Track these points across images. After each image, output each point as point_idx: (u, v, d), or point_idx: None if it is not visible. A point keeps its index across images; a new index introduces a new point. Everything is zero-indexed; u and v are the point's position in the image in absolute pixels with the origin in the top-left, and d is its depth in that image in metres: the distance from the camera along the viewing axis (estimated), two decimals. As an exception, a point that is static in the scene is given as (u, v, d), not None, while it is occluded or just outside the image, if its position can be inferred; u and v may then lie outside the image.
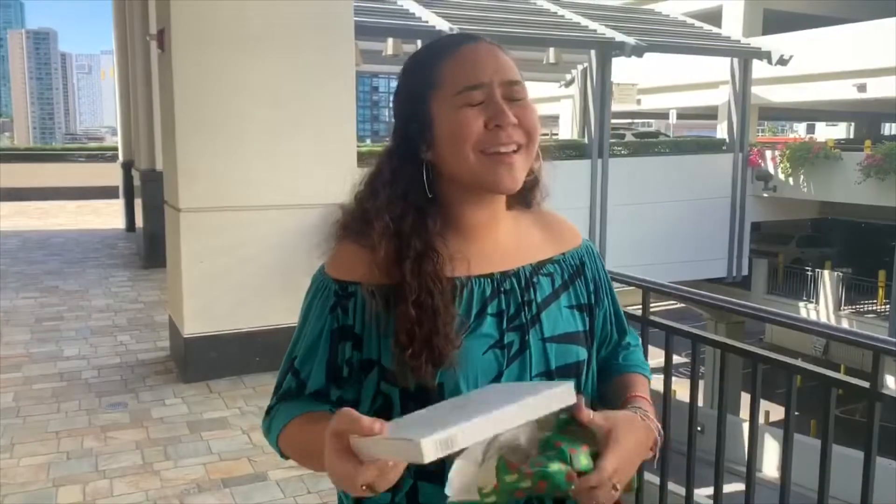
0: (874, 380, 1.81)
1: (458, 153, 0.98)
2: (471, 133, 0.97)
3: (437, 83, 1.00)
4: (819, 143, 17.26)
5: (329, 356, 1.03)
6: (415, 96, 1.02)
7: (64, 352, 5.06)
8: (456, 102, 0.98)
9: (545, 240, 1.13)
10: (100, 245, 9.71)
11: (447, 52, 1.02)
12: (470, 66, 1.00)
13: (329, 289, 1.03)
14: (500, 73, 1.00)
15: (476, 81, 0.98)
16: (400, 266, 0.98)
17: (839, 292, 16.94)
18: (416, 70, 1.05)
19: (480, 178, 0.99)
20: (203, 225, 4.44)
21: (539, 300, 1.06)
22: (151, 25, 6.60)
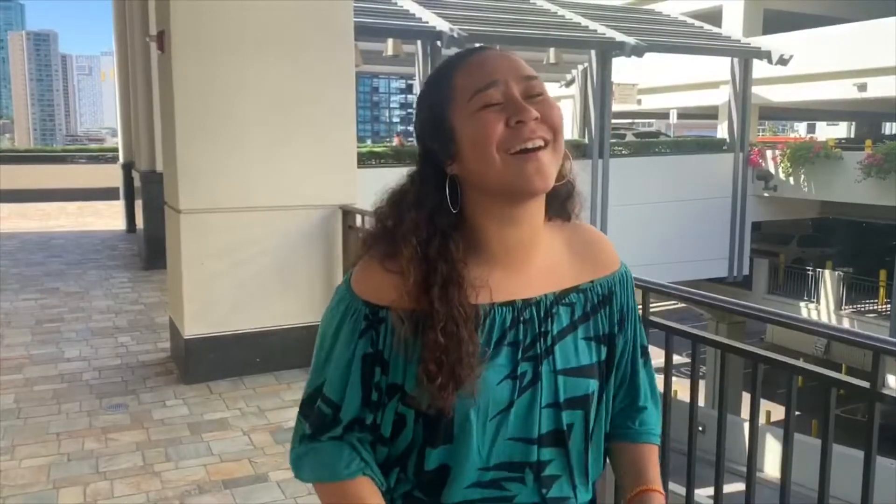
0: (874, 380, 1.81)
1: (483, 157, 0.96)
2: (493, 133, 0.95)
3: (453, 95, 0.99)
4: (819, 143, 17.27)
5: (362, 382, 1.01)
6: (433, 114, 1.01)
7: (65, 353, 5.06)
8: (473, 107, 0.97)
9: (576, 264, 1.10)
10: (100, 246, 9.71)
11: (458, 64, 1.01)
12: (480, 69, 0.99)
13: (359, 311, 1.00)
14: (514, 69, 0.99)
15: (489, 80, 0.97)
16: (427, 292, 0.97)
17: (840, 292, 16.93)
18: (430, 89, 1.04)
19: (509, 180, 0.96)
20: (203, 226, 4.44)
21: (555, 332, 1.05)
22: (151, 27, 6.61)
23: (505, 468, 1.02)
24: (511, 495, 1.03)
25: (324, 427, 1.02)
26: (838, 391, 1.92)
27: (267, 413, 4.02)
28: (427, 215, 0.99)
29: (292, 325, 4.67)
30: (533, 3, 16.28)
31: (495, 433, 1.01)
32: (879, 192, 14.80)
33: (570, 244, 1.10)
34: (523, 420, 1.02)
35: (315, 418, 1.03)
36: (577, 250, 1.11)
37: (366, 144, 15.45)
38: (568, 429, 1.05)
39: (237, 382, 4.45)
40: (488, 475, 1.02)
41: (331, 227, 4.76)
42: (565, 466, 1.05)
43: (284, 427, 3.85)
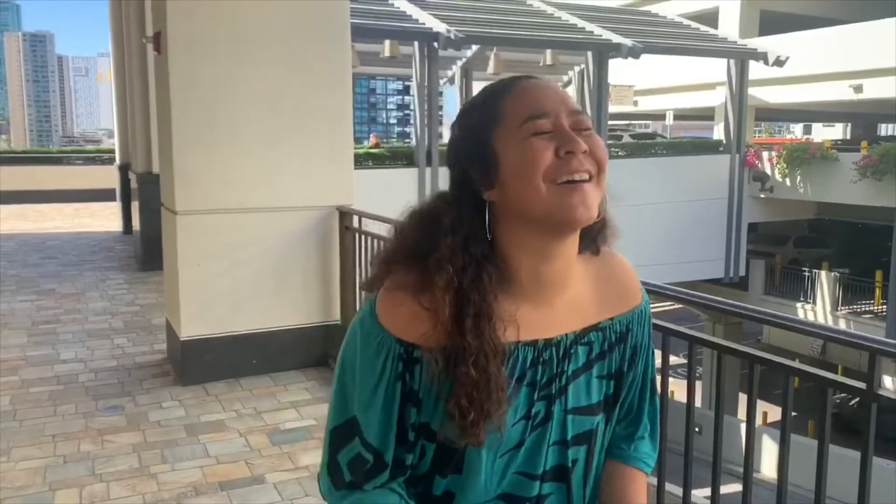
0: (870, 381, 1.81)
1: (529, 184, 0.93)
2: (542, 161, 0.93)
3: (500, 119, 0.97)
4: (815, 144, 17.30)
5: (400, 424, 0.98)
6: (476, 137, 0.98)
7: (60, 355, 5.05)
8: (522, 133, 0.95)
9: (600, 299, 1.08)
10: (97, 248, 9.70)
11: (506, 90, 0.99)
12: (532, 97, 0.97)
13: (394, 352, 0.96)
14: (564, 102, 0.98)
15: (541, 110, 0.95)
16: (460, 325, 0.94)
17: (836, 293, 16.97)
18: (473, 112, 1.01)
19: (553, 210, 0.94)
20: (200, 227, 4.43)
21: (570, 372, 1.04)
22: (148, 28, 6.60)
23: (507, 499, 1.03)
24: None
25: (368, 475, 0.99)
26: (834, 392, 1.92)
27: (263, 415, 4.02)
28: (463, 242, 0.96)
29: (289, 327, 4.67)
30: (530, 4, 16.29)
31: (504, 468, 1.01)
32: (875, 193, 14.83)
33: (597, 277, 1.08)
34: (530, 456, 1.02)
35: (356, 465, 0.99)
36: (603, 284, 1.09)
37: (362, 145, 15.44)
38: (572, 464, 1.06)
39: (234, 384, 4.44)
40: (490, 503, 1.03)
41: (327, 228, 4.76)
42: (564, 500, 1.07)
43: (281, 429, 3.84)
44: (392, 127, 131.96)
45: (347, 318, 4.73)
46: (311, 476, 3.31)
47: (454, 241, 0.96)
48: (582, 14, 15.89)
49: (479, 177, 0.97)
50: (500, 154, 0.96)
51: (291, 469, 3.38)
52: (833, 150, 16.14)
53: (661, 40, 15.50)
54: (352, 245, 4.65)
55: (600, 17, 16.28)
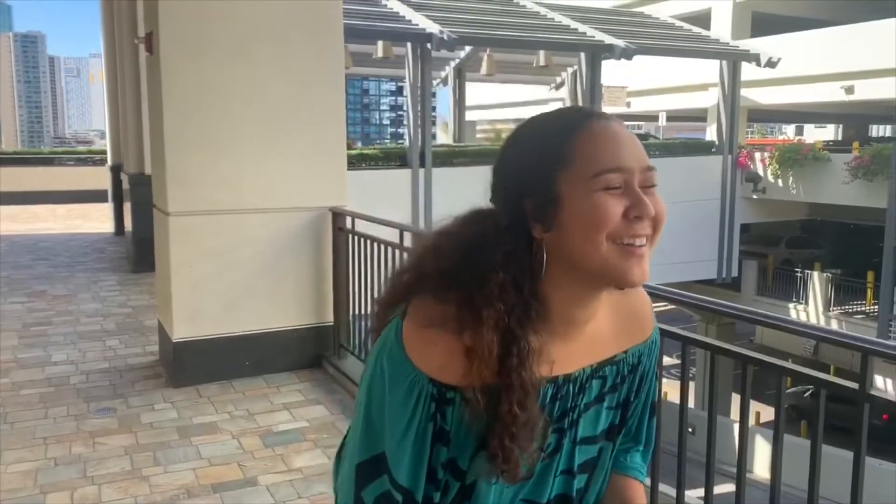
0: (863, 381, 1.81)
1: (591, 240, 0.90)
2: (610, 220, 0.90)
3: (570, 160, 0.91)
4: (807, 145, 17.36)
5: (431, 464, 0.96)
6: (539, 171, 0.92)
7: (52, 357, 5.02)
8: (593, 185, 0.90)
9: (617, 332, 1.07)
10: (88, 249, 9.66)
11: (578, 127, 0.93)
12: (610, 147, 0.92)
13: (426, 392, 0.93)
14: (641, 158, 0.93)
15: (618, 164, 0.91)
16: (505, 363, 0.91)
17: (828, 293, 17.03)
18: (538, 143, 0.95)
19: (609, 269, 0.91)
20: (192, 229, 4.42)
21: (583, 405, 1.04)
22: (140, 28, 6.58)
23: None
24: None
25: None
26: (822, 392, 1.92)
27: (256, 416, 4.00)
28: (514, 280, 0.92)
29: (282, 328, 4.66)
30: (523, 5, 16.30)
31: (513, 496, 1.02)
32: (867, 194, 14.90)
33: (617, 310, 1.07)
34: (537, 485, 1.02)
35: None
36: (622, 317, 1.07)
37: (356, 147, 15.42)
38: (577, 493, 1.06)
39: (226, 386, 4.42)
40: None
41: (320, 230, 4.75)
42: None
43: (274, 431, 3.83)
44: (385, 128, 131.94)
45: (340, 319, 4.72)
46: (304, 478, 3.30)
47: (505, 277, 0.92)
48: (575, 15, 15.90)
49: (534, 213, 0.93)
50: (565, 198, 0.91)
51: (284, 471, 3.37)
52: (825, 151, 16.21)
53: (653, 41, 15.52)
54: (345, 246, 4.64)
55: (593, 18, 16.29)
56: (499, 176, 0.98)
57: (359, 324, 4.57)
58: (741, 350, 2.18)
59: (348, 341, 4.68)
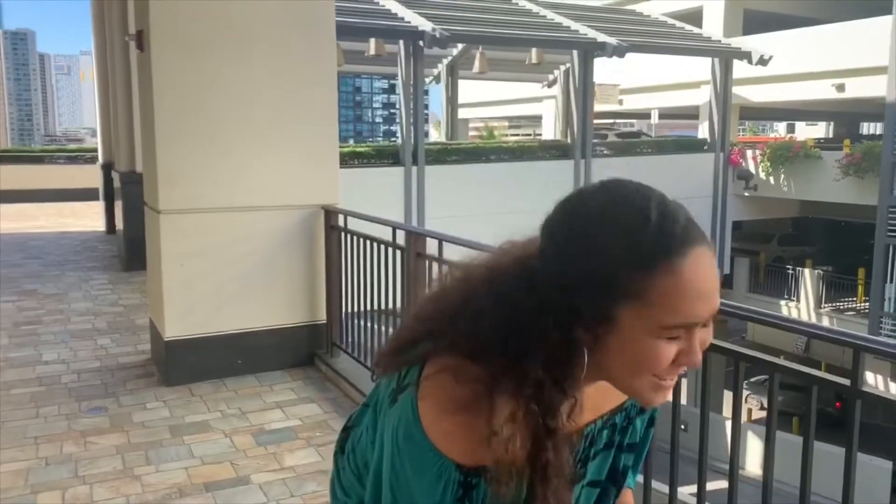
0: (855, 377, 1.82)
1: (632, 375, 0.87)
2: (659, 366, 0.85)
3: (644, 298, 0.82)
4: (799, 143, 17.43)
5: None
6: (603, 282, 0.83)
7: (43, 356, 4.99)
8: (658, 333, 0.83)
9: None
10: (79, 247, 9.61)
11: (667, 258, 0.82)
12: (696, 296, 0.83)
13: (453, 479, 0.88)
14: (715, 304, 0.86)
15: (693, 321, 0.84)
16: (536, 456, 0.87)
17: (819, 290, 17.10)
18: (616, 249, 0.83)
19: (637, 394, 0.90)
20: (184, 227, 4.40)
21: (592, 453, 1.03)
22: (130, 26, 6.54)
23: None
24: None
25: None
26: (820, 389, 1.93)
27: (248, 415, 3.99)
28: (552, 380, 0.86)
29: (274, 327, 4.64)
30: (515, 3, 16.30)
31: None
32: (858, 192, 14.96)
33: None
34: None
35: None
36: None
37: (348, 144, 15.39)
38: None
39: (218, 384, 4.41)
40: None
41: (313, 228, 4.74)
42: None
43: (266, 429, 3.82)
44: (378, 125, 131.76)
45: (333, 317, 4.71)
46: (296, 476, 3.29)
47: (545, 377, 0.85)
48: (567, 13, 15.91)
49: (585, 323, 0.85)
50: (622, 329, 0.84)
51: (277, 469, 3.37)
52: (816, 149, 16.27)
53: (645, 39, 15.54)
54: (337, 244, 4.63)
55: (585, 16, 16.30)
56: (558, 244, 0.87)
57: (352, 322, 4.56)
58: (734, 347, 2.19)
59: (341, 339, 4.68)
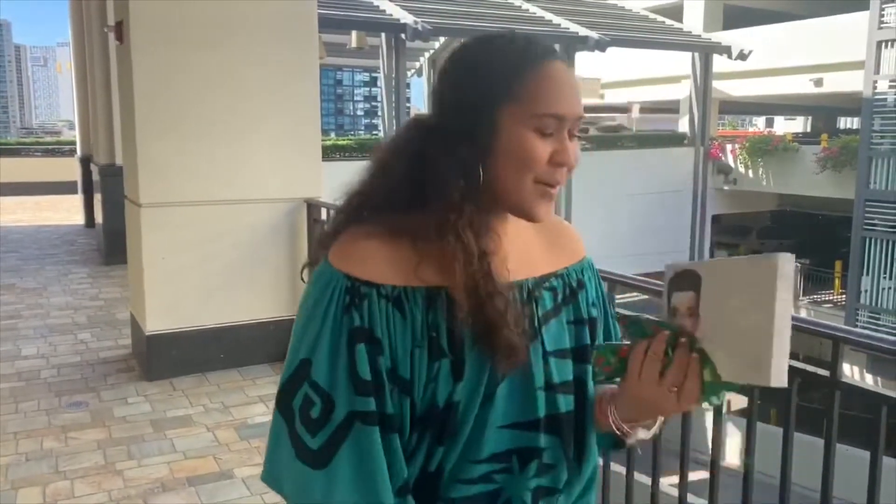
0: (833, 368, 1.84)
1: (518, 176, 0.95)
2: (538, 163, 0.94)
3: (516, 95, 0.94)
4: (778, 137, 17.59)
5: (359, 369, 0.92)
6: (482, 97, 0.95)
7: (22, 351, 4.95)
8: (530, 124, 0.94)
9: (549, 252, 1.09)
10: (58, 241, 9.51)
11: (532, 63, 0.95)
12: (558, 91, 0.95)
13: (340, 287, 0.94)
14: (578, 107, 0.97)
15: (560, 112, 0.94)
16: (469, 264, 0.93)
17: (797, 283, 17.29)
18: (490, 69, 0.96)
19: (523, 203, 0.96)
20: (165, 220, 4.37)
21: (540, 314, 1.03)
22: (109, 17, 6.47)
23: (503, 458, 0.98)
24: (501, 487, 0.99)
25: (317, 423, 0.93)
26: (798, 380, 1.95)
27: (231, 409, 3.98)
28: (465, 185, 0.94)
29: (256, 320, 4.63)
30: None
31: (486, 424, 0.96)
32: (835, 185, 15.13)
33: (541, 233, 1.09)
34: (518, 404, 0.99)
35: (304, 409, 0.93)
36: (549, 239, 1.10)
37: (330, 137, 15.33)
38: (566, 415, 1.03)
39: (201, 378, 4.39)
40: (481, 468, 0.97)
41: (296, 221, 4.72)
42: (561, 455, 1.03)
43: (249, 423, 3.81)
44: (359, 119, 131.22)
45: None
46: (280, 470, 3.29)
47: (465, 185, 0.94)
48: (549, 7, 15.93)
49: (473, 135, 0.95)
50: (502, 130, 0.94)
51: (260, 463, 3.34)
52: (794, 143, 16.43)
53: (627, 33, 15.60)
54: (320, 238, 4.61)
55: (567, 10, 16.33)
56: (445, 84, 0.99)
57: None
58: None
59: (324, 333, 4.66)
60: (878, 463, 1.76)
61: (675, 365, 0.88)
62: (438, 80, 1.01)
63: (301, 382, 0.93)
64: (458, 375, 0.94)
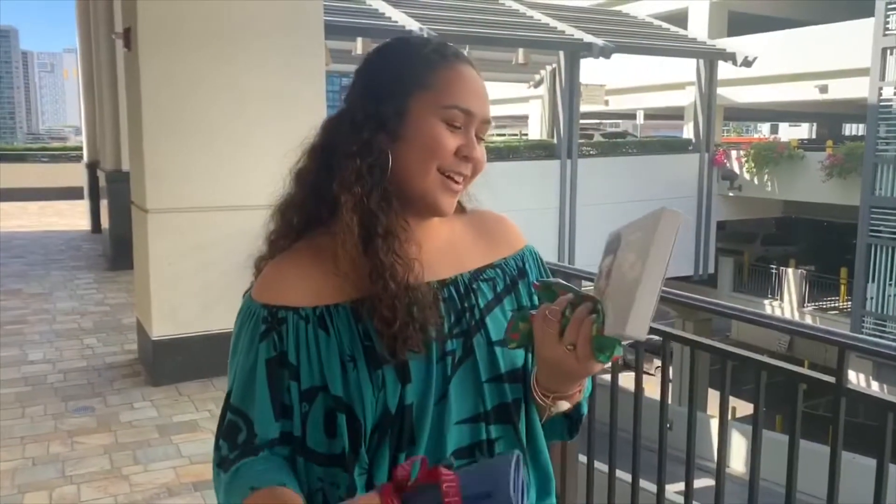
0: (839, 375, 1.84)
1: (423, 164, 0.97)
2: (444, 153, 0.97)
3: (428, 85, 0.98)
4: (783, 143, 17.59)
5: (270, 389, 0.96)
6: (397, 84, 0.99)
7: (28, 356, 4.96)
8: (439, 114, 0.97)
9: (482, 246, 1.10)
10: (64, 247, 9.54)
11: (445, 60, 1.00)
12: (468, 89, 1.00)
13: (257, 316, 0.98)
14: (486, 109, 1.01)
15: (468, 106, 0.98)
16: (369, 243, 0.95)
17: (803, 289, 17.25)
18: (407, 60, 1.01)
19: (427, 194, 0.98)
20: (171, 226, 4.38)
21: (482, 305, 1.04)
22: (117, 23, 6.51)
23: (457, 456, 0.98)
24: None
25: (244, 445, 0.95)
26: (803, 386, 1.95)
27: (237, 414, 3.98)
28: (368, 167, 0.96)
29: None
30: (502, 3, 16.34)
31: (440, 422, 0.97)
32: (840, 192, 15.11)
33: (472, 228, 1.11)
34: (467, 398, 0.99)
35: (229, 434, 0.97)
36: (482, 233, 1.11)
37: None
38: (514, 403, 1.03)
39: (206, 384, 4.40)
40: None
41: (301, 227, 4.72)
42: (514, 442, 1.03)
43: (255, 428, 3.81)
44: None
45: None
46: (285, 476, 3.29)
47: (362, 164, 0.96)
48: (554, 14, 15.97)
49: (382, 121, 0.98)
50: (412, 116, 0.97)
51: (266, 469, 3.36)
52: (799, 150, 16.43)
53: (631, 40, 15.63)
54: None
55: (572, 16, 16.37)
56: (360, 77, 1.03)
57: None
58: (721, 345, 2.21)
59: (329, 339, 4.67)
60: (885, 470, 1.76)
61: (571, 323, 0.88)
62: (355, 74, 1.05)
63: (225, 412, 0.98)
64: (404, 378, 0.96)
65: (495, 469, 0.83)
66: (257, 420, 0.95)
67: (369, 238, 0.95)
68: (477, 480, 0.82)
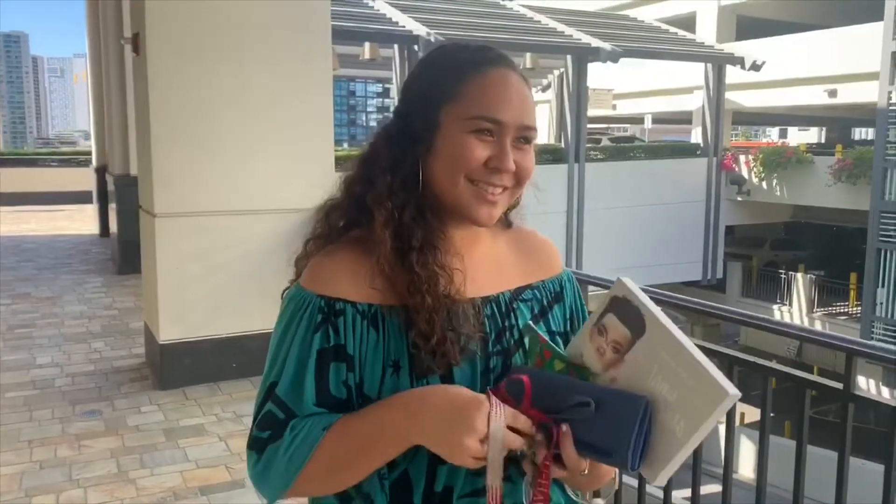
0: (847, 381, 1.83)
1: (451, 175, 0.96)
2: (471, 163, 0.96)
3: (457, 96, 0.97)
4: (791, 148, 17.52)
5: (331, 385, 0.95)
6: (429, 96, 0.99)
7: (37, 359, 4.98)
8: (467, 125, 0.96)
9: (523, 265, 1.10)
10: (73, 251, 9.58)
11: (476, 69, 0.98)
12: (498, 97, 0.97)
13: (313, 306, 0.96)
14: (521, 116, 0.98)
15: (496, 117, 0.96)
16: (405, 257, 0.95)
17: (811, 294, 17.17)
18: (439, 70, 1.01)
19: (460, 205, 0.98)
20: (179, 230, 4.40)
21: (521, 325, 1.04)
22: (126, 29, 6.54)
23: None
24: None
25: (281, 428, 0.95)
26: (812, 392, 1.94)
27: (244, 419, 3.99)
28: (401, 181, 0.97)
29: (268, 331, 4.60)
30: (510, 8, 16.35)
31: None
32: (849, 197, 15.05)
33: (515, 247, 1.11)
34: None
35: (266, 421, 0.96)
36: (524, 251, 1.12)
37: (342, 148, 15.40)
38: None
39: (213, 388, 4.40)
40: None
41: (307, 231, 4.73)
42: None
43: (261, 432, 3.81)
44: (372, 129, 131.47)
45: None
46: (292, 480, 3.29)
47: (393, 179, 0.97)
48: (561, 18, 15.97)
49: (417, 131, 0.99)
50: (442, 128, 0.97)
51: (272, 473, 3.36)
52: (808, 154, 16.37)
53: (639, 44, 15.61)
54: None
55: (580, 21, 16.36)
56: (403, 89, 1.05)
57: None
58: (730, 351, 2.20)
59: (336, 343, 4.67)
60: (893, 476, 1.75)
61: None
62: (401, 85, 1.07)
63: (266, 401, 0.97)
64: (461, 346, 0.96)
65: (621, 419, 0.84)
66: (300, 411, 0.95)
67: (405, 251, 0.95)
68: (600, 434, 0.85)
